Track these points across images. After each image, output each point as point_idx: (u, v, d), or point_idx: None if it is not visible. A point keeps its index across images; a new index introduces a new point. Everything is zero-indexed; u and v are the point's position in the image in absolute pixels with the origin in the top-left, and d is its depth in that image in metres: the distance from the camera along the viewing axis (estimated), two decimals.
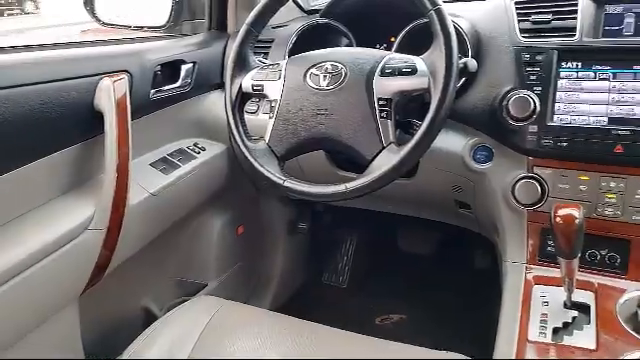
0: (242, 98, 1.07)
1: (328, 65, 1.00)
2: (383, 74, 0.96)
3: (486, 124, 1.11)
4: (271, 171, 0.99)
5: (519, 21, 1.11)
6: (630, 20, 1.02)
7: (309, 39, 1.31)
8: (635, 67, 0.99)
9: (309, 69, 1.01)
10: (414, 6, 0.94)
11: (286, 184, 0.98)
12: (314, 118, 0.98)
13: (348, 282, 1.98)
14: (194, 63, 1.39)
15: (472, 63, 1.04)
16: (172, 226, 1.38)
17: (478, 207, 1.23)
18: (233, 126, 1.05)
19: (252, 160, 1.00)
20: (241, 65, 1.07)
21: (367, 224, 2.04)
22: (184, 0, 1.52)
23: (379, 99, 0.95)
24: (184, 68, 1.37)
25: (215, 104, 1.45)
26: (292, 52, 1.32)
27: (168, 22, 1.49)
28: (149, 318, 1.40)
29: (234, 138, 1.04)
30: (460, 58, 1.03)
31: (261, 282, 1.82)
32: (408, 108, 1.05)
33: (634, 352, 0.80)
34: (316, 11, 1.47)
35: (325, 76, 0.99)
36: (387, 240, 2.04)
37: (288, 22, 1.47)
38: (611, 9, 1.03)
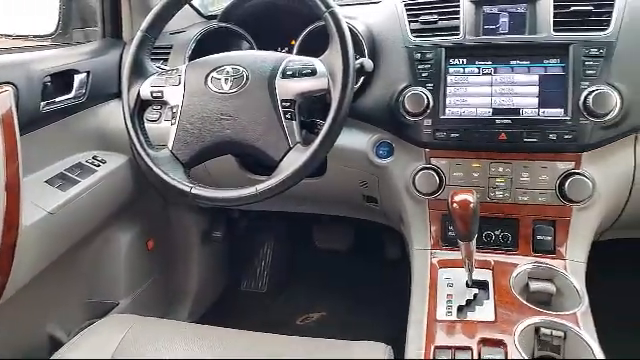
0: (141, 105, 1.04)
1: (229, 68, 1.00)
2: (284, 76, 0.98)
3: (385, 121, 1.17)
4: (177, 179, 0.97)
5: (409, 22, 1.17)
6: (505, 19, 1.12)
7: (209, 44, 1.30)
8: (512, 61, 1.09)
9: (210, 73, 1.00)
10: (310, 9, 0.97)
11: (194, 191, 0.96)
12: (218, 122, 0.97)
13: (268, 286, 1.98)
14: (88, 72, 1.33)
15: (368, 63, 1.09)
16: (75, 245, 1.30)
17: (384, 200, 1.29)
18: (133, 135, 1.01)
19: (156, 169, 0.98)
20: (138, 72, 1.04)
21: (283, 226, 2.06)
22: (73, 6, 1.44)
23: (282, 101, 0.97)
24: (77, 78, 1.30)
25: (113, 114, 1.39)
26: (192, 58, 1.30)
27: (56, 30, 1.41)
28: (55, 345, 1.30)
29: (135, 147, 1.01)
30: (357, 58, 1.08)
31: (177, 295, 1.76)
32: (312, 109, 1.07)
33: (527, 319, 0.88)
34: (215, 16, 1.46)
35: (227, 79, 0.99)
36: (304, 240, 2.07)
37: (187, 27, 1.44)
38: (488, 9, 1.13)
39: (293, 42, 1.32)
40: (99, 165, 1.35)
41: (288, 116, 0.96)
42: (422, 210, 1.15)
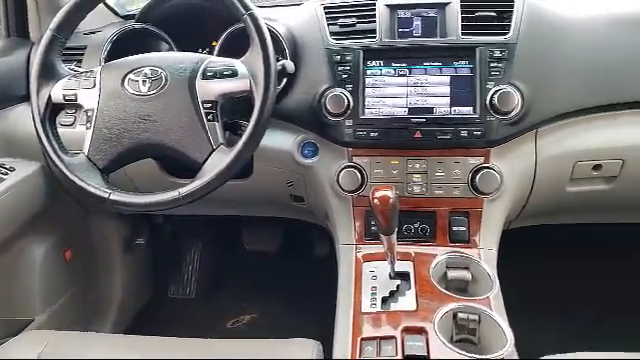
0: (53, 109, 0.99)
1: (147, 70, 0.98)
2: (205, 77, 0.97)
3: (309, 121, 1.19)
4: (94, 185, 0.94)
5: (329, 25, 1.21)
6: (418, 23, 1.18)
7: (126, 45, 1.25)
8: (425, 63, 1.15)
9: (127, 75, 0.97)
10: (229, 11, 0.97)
11: (112, 197, 0.93)
12: (137, 125, 0.95)
13: (196, 292, 1.94)
14: None
15: (290, 65, 1.11)
16: None
17: (310, 198, 1.32)
18: (45, 140, 0.96)
19: (71, 175, 0.94)
20: (48, 74, 0.99)
21: (211, 230, 2.02)
22: None
23: (203, 102, 0.96)
24: None
25: (22, 118, 1.31)
26: (108, 59, 1.26)
27: None
28: None
29: (47, 153, 0.96)
30: (278, 60, 1.09)
31: (100, 306, 1.68)
32: (235, 110, 1.07)
33: (446, 306, 0.94)
34: (133, 16, 1.42)
35: (145, 81, 0.96)
36: (233, 243, 2.05)
37: (102, 28, 1.39)
38: (402, 14, 1.18)
39: (214, 43, 1.31)
40: (7, 173, 1.27)
41: (210, 117, 0.96)
42: (346, 207, 1.19)
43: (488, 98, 1.09)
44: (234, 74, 0.97)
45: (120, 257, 1.71)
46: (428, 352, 0.85)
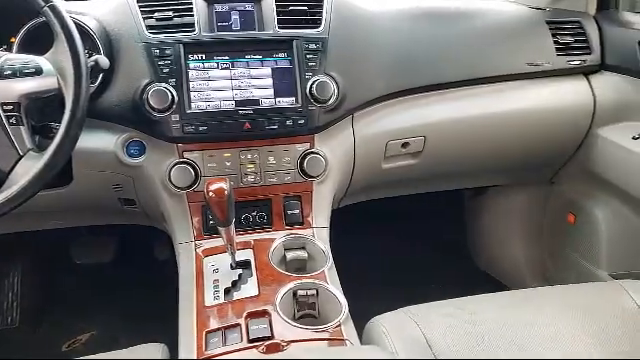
0: None
1: None
2: (2, 77, 0.88)
3: (132, 119, 1.14)
4: None
5: (144, 19, 1.16)
6: (236, 17, 1.20)
7: None
8: (247, 56, 1.18)
9: None
10: (27, 4, 0.89)
11: None
12: None
13: (20, 320, 1.72)
14: None
15: (103, 60, 1.05)
16: None
17: (142, 200, 1.26)
18: None
19: None
20: None
21: (31, 249, 1.81)
22: None
23: (3, 104, 0.87)
24: None
25: None
26: None
27: None
28: None
29: None
30: (90, 55, 1.03)
31: None
32: (45, 111, 0.98)
33: (285, 287, 0.99)
34: None
35: None
36: (61, 259, 1.86)
37: None
38: (219, 7, 1.19)
39: (13, 39, 1.17)
40: None
41: (13, 121, 0.87)
42: (181, 204, 1.17)
43: (308, 88, 1.16)
44: (38, 72, 0.88)
45: None
46: (272, 333, 0.88)
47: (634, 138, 1.31)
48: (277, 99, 1.17)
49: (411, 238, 2.00)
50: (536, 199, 1.75)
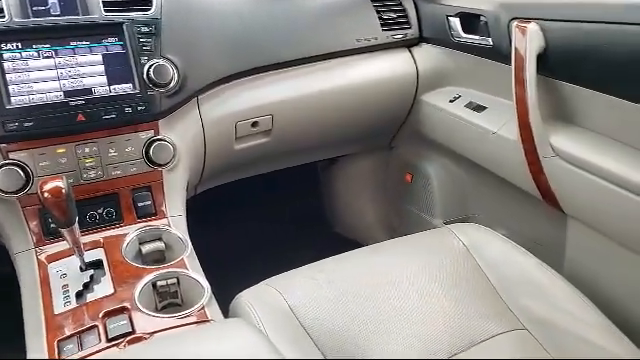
0: None
1: None
2: None
3: None
4: None
5: None
6: (54, 1, 1.10)
7: None
8: (72, 43, 1.09)
9: None
10: None
11: None
12: None
13: None
14: None
15: None
16: None
17: None
18: None
19: None
20: None
21: None
22: None
23: None
24: None
25: None
26: None
27: None
28: None
29: None
30: None
31: None
32: None
33: (142, 280, 0.96)
34: None
35: None
36: None
37: None
38: None
39: None
40: None
41: None
42: (14, 210, 1.06)
43: (145, 73, 1.12)
44: None
45: None
46: (133, 328, 0.86)
47: (450, 101, 1.49)
48: (112, 87, 1.10)
49: (273, 216, 2.05)
50: (380, 163, 1.91)
